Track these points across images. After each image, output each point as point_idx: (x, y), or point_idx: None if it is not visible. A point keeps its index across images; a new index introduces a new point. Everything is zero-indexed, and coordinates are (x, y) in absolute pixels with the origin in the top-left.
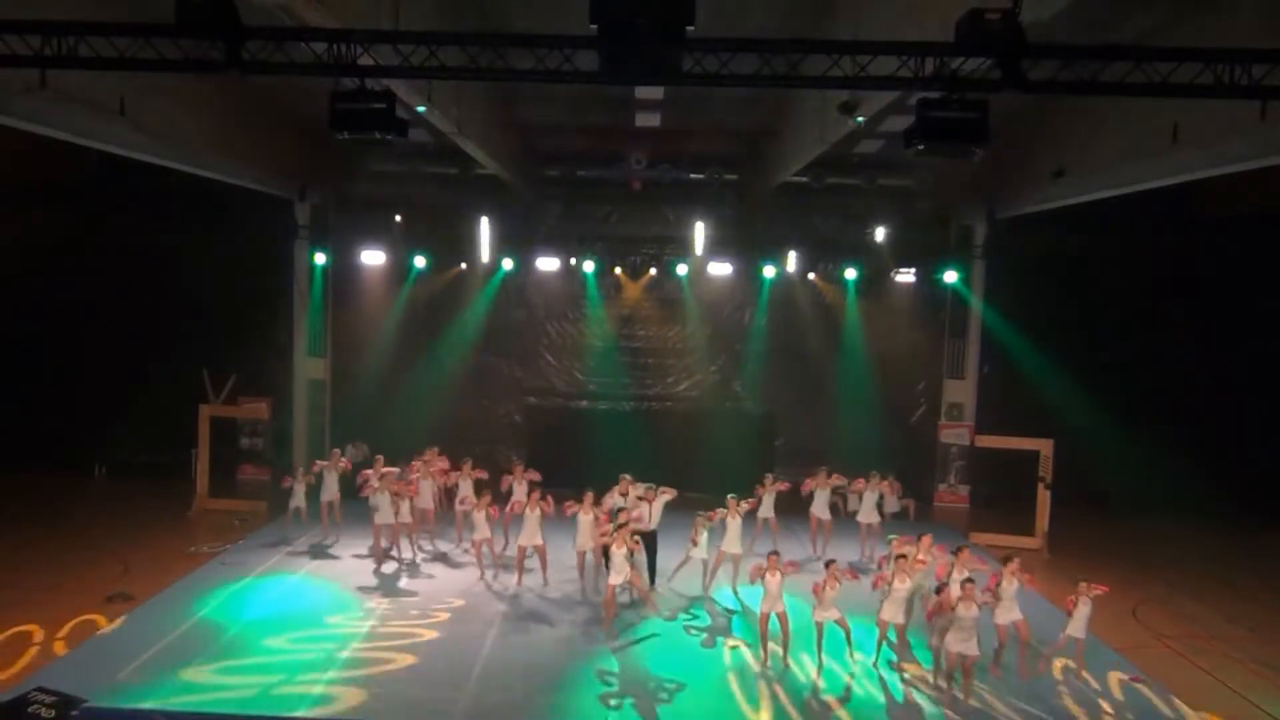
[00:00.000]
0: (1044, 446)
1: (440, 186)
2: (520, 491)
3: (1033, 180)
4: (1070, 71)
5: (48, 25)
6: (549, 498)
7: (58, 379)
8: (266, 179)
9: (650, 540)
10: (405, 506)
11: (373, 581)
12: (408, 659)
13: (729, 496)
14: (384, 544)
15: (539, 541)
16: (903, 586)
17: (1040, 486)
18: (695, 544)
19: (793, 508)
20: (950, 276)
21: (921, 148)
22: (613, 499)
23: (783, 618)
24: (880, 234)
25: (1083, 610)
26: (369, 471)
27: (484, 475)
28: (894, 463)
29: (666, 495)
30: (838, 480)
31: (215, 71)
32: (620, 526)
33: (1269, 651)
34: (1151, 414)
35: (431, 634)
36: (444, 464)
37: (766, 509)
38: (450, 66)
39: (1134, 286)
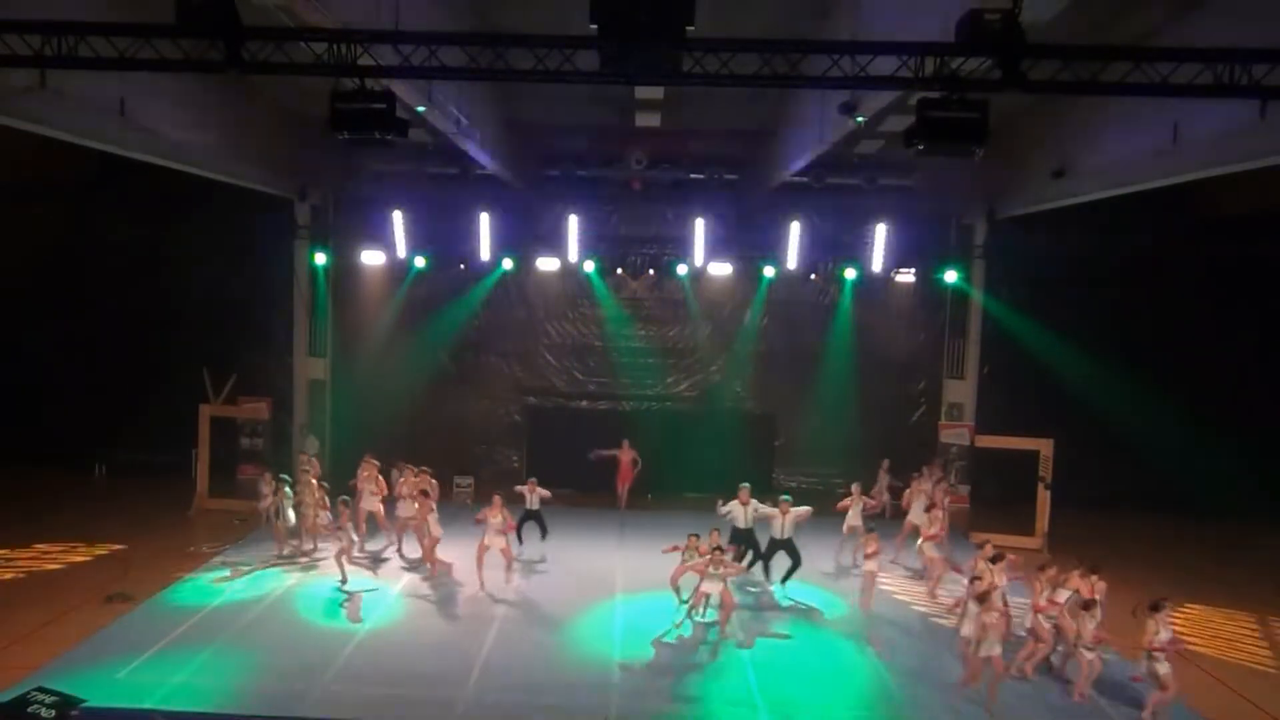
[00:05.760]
0: (1044, 446)
1: (440, 186)
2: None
3: (1033, 180)
4: (1070, 71)
5: (48, 25)
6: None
7: (58, 379)
8: (266, 179)
9: None
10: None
11: (375, 582)
12: (408, 659)
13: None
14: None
15: (503, 544)
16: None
17: (1040, 486)
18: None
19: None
20: (950, 276)
21: (921, 148)
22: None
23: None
24: (880, 234)
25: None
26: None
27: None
28: (893, 462)
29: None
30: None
31: (215, 71)
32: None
33: (1269, 652)
34: (1151, 414)
35: (432, 634)
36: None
37: (854, 517)
38: (450, 66)
39: (1133, 286)
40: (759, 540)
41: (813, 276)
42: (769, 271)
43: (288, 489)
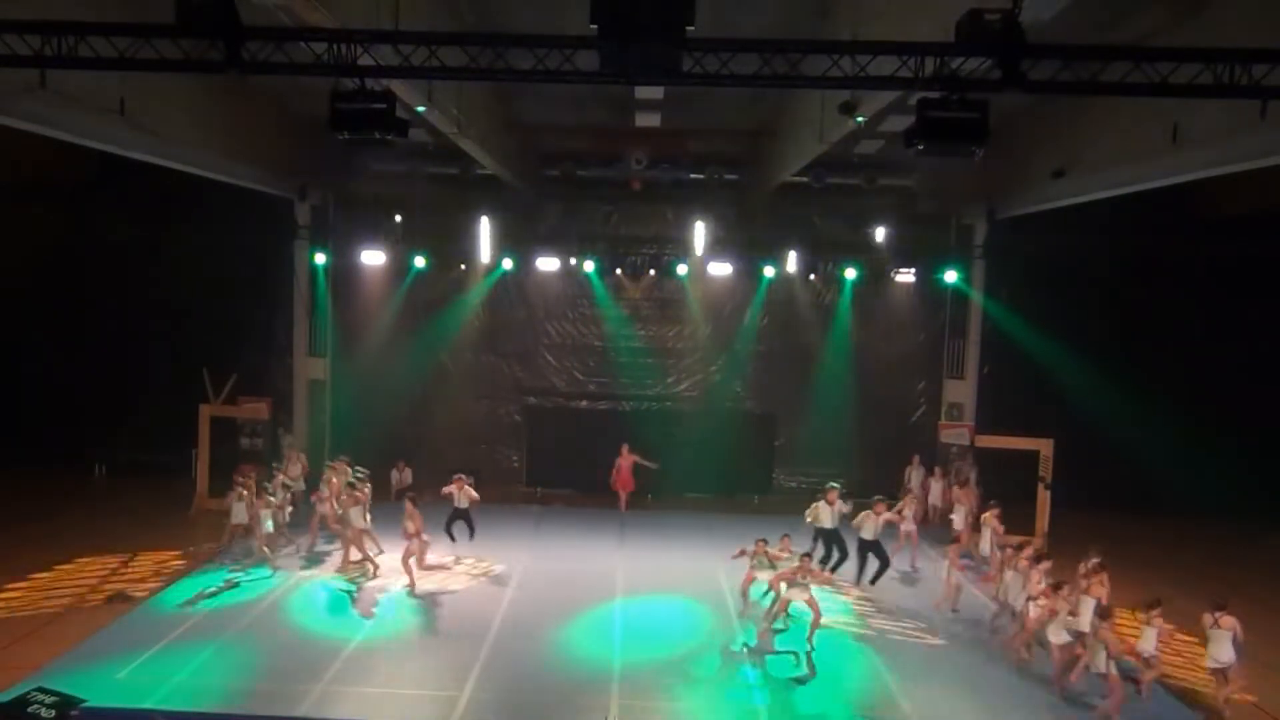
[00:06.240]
0: (1043, 446)
1: (440, 186)
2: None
3: (1033, 180)
4: (1070, 71)
5: (48, 25)
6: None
7: (58, 379)
8: (266, 179)
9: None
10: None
11: (371, 584)
12: (408, 659)
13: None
14: (369, 549)
15: (416, 546)
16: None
17: (1040, 486)
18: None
19: None
20: (950, 276)
21: (921, 148)
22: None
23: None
24: (880, 234)
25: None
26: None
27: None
28: (892, 461)
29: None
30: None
31: (215, 71)
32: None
33: (1269, 651)
34: (1151, 413)
35: (432, 634)
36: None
37: (909, 523)
38: (450, 66)
39: (1133, 286)
40: (846, 541)
41: (812, 276)
42: (769, 271)
43: (239, 488)
